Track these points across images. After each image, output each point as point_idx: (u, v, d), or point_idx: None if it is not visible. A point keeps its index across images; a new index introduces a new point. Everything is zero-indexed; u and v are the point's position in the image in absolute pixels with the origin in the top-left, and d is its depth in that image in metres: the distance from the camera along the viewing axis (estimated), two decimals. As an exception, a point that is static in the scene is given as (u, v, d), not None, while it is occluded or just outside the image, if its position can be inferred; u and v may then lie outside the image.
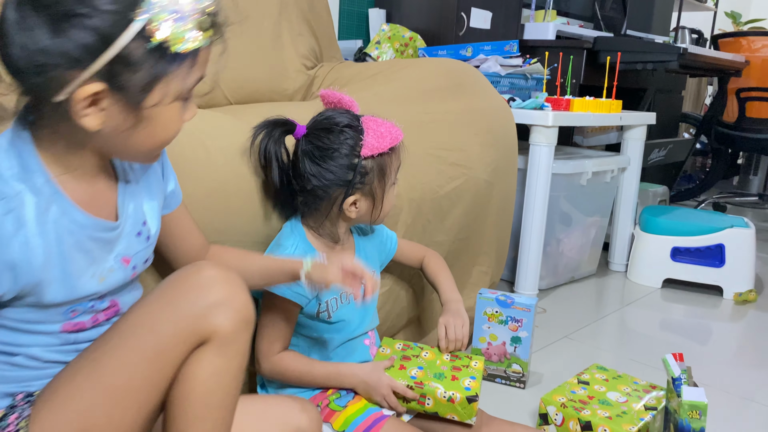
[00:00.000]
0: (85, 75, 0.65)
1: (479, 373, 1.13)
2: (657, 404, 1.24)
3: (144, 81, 0.68)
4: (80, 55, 0.65)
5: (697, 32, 4.14)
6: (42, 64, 0.65)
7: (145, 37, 0.66)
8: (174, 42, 0.67)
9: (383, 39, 2.39)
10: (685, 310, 2.10)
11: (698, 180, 3.94)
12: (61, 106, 0.68)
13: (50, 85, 0.66)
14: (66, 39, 0.64)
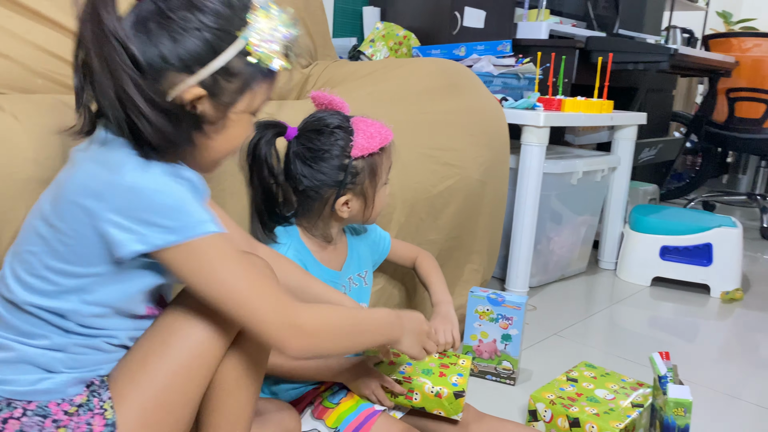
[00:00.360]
0: (193, 80, 0.76)
1: (467, 371, 1.15)
2: (644, 401, 1.27)
3: (236, 90, 0.79)
4: (191, 61, 0.75)
5: (689, 32, 4.18)
6: (159, 67, 0.74)
7: (245, 53, 0.78)
8: (266, 61, 0.79)
9: (377, 37, 2.40)
10: (673, 308, 2.13)
11: (688, 178, 3.97)
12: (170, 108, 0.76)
13: (164, 85, 0.75)
14: (182, 47, 0.74)
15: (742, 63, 3.32)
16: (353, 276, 1.24)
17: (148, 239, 0.73)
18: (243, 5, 0.78)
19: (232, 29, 0.77)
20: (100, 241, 0.75)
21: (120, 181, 0.73)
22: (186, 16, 0.75)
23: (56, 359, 0.78)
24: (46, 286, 0.77)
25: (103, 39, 0.71)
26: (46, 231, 0.76)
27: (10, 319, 0.78)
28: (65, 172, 0.79)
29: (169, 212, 0.74)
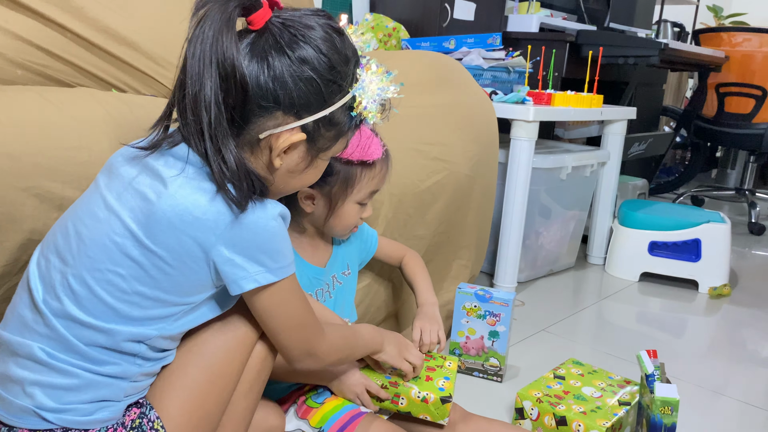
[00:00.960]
0: (295, 123, 0.77)
1: (453, 374, 1.13)
2: (631, 399, 1.26)
3: (331, 137, 0.82)
4: (301, 107, 0.76)
5: (679, 26, 4.17)
6: (266, 105, 0.75)
7: (350, 106, 0.81)
8: (366, 116, 0.83)
9: (366, 28, 2.37)
10: (661, 304, 2.13)
11: (677, 173, 3.98)
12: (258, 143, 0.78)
13: (265, 120, 0.76)
14: (296, 91, 0.75)
15: (732, 58, 3.31)
16: (337, 274, 1.22)
17: (257, 278, 0.77)
18: (356, 61, 0.82)
19: (344, 84, 0.79)
20: (210, 275, 0.76)
21: (236, 218, 0.74)
22: (304, 61, 0.75)
23: (120, 387, 0.77)
24: (133, 311, 0.74)
25: (215, 60, 0.70)
26: (141, 255, 0.73)
27: (76, 344, 0.74)
28: (149, 187, 0.74)
29: (275, 254, 0.78)
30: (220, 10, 0.71)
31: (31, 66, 1.22)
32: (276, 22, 0.75)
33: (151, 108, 1.06)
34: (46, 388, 0.73)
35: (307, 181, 0.88)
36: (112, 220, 0.74)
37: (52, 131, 0.89)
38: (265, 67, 0.74)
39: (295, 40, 0.75)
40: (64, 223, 0.78)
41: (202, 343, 0.83)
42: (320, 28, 0.77)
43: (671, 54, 2.68)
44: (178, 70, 0.75)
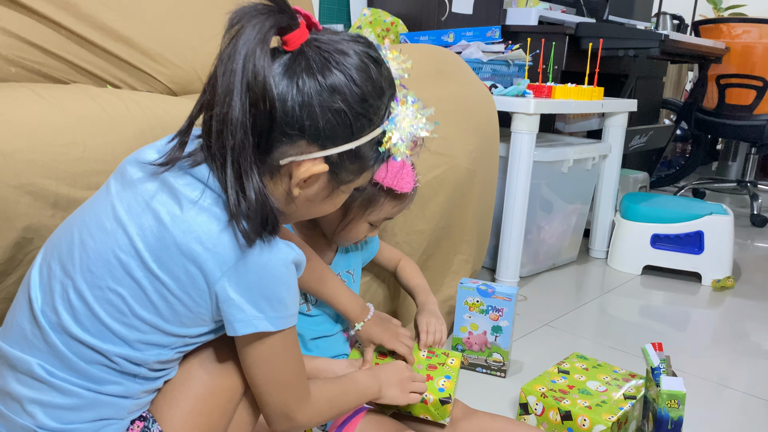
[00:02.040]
0: (319, 153, 0.72)
1: (455, 372, 1.12)
2: (636, 393, 1.25)
3: (355, 170, 0.77)
4: (326, 138, 0.72)
5: (678, 18, 4.15)
6: (291, 133, 0.71)
7: (379, 141, 0.76)
8: (395, 152, 0.77)
9: (364, 24, 2.36)
10: (665, 297, 2.11)
11: (678, 166, 3.96)
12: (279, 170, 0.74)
13: (288, 147, 0.72)
14: (323, 120, 0.70)
15: (732, 49, 3.29)
16: (342, 272, 1.21)
17: (254, 324, 0.73)
18: (392, 94, 0.77)
19: (375, 118, 0.74)
20: (210, 310, 0.73)
21: (244, 256, 0.71)
22: (335, 90, 0.70)
23: (123, 406, 0.75)
24: (130, 335, 0.72)
25: (246, 79, 0.66)
26: (144, 278, 0.70)
27: (75, 362, 0.71)
28: (164, 207, 0.71)
29: (277, 303, 0.74)
30: (255, 28, 0.66)
31: (26, 63, 1.21)
32: (312, 44, 0.71)
33: (147, 104, 1.05)
34: (47, 408, 0.71)
35: (326, 210, 0.83)
36: (119, 234, 0.71)
37: (45, 127, 0.87)
38: (294, 92, 0.69)
39: (328, 65, 0.70)
40: (69, 228, 0.75)
41: (204, 355, 0.81)
42: (356, 55, 0.72)
43: (671, 45, 2.66)
44: (205, 85, 0.71)
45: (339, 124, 0.72)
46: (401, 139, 0.77)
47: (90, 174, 0.90)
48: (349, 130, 0.73)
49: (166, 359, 0.76)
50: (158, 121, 1.03)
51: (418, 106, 0.80)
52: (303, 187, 0.76)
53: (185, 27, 1.46)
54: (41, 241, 0.86)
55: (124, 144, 0.95)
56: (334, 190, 0.79)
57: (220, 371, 0.81)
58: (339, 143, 0.73)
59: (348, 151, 0.74)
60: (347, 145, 0.73)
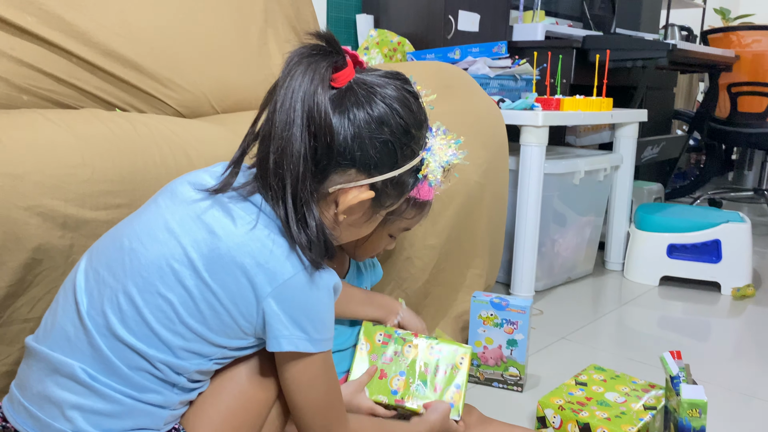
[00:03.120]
0: (366, 180, 0.78)
1: (464, 377, 1.10)
2: (656, 403, 1.22)
3: (395, 195, 0.84)
4: (373, 166, 0.78)
5: (687, 29, 4.15)
6: (344, 163, 0.76)
7: (417, 168, 0.83)
8: (430, 178, 0.85)
9: (371, 44, 2.38)
10: (684, 308, 2.08)
11: (693, 177, 3.93)
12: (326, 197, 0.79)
13: (338, 175, 0.77)
14: (371, 150, 0.76)
15: (742, 57, 3.28)
16: None
17: (296, 343, 0.76)
18: (427, 127, 0.85)
19: (416, 148, 0.82)
20: (255, 324, 0.76)
21: (295, 276, 0.74)
22: (383, 122, 0.76)
23: (160, 416, 0.76)
24: (175, 341, 0.74)
25: (306, 116, 0.72)
26: (195, 287, 0.73)
27: (119, 367, 0.72)
28: (218, 222, 0.75)
29: (320, 324, 0.78)
30: (313, 68, 0.73)
31: (38, 91, 1.23)
32: (358, 83, 0.77)
33: (154, 125, 1.06)
34: (87, 413, 0.71)
35: (363, 233, 0.89)
36: (172, 244, 0.74)
37: (54, 150, 0.89)
38: (346, 125, 0.75)
39: (374, 99, 0.76)
40: (118, 236, 0.78)
41: (236, 369, 0.82)
42: (396, 90, 0.79)
43: (680, 55, 2.66)
44: (258, 120, 0.78)
45: (386, 154, 0.78)
46: (438, 165, 0.85)
47: (99, 195, 0.91)
48: (395, 160, 0.79)
49: (205, 369, 0.78)
50: (166, 142, 1.04)
51: (452, 137, 0.90)
52: (348, 213, 0.81)
53: (193, 52, 1.49)
54: (51, 262, 0.86)
55: (132, 165, 0.96)
56: (374, 215, 0.85)
57: (251, 385, 0.82)
58: (384, 171, 0.79)
59: (392, 178, 0.80)
60: (392, 173, 0.80)
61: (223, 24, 1.59)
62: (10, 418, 0.75)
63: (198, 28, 1.52)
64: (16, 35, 1.21)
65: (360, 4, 2.63)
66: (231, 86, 1.63)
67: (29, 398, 0.74)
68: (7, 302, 0.85)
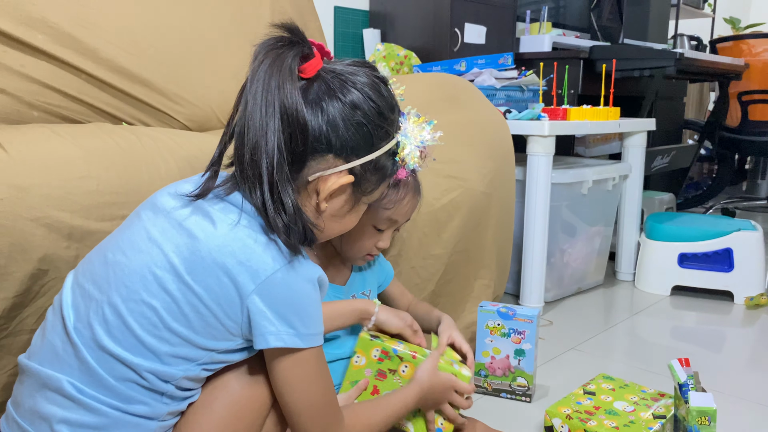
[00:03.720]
0: (344, 165, 0.80)
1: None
2: (666, 412, 1.21)
3: (375, 182, 0.85)
4: (350, 150, 0.79)
5: (696, 39, 4.14)
6: (320, 148, 0.78)
7: (394, 152, 0.86)
8: (407, 161, 0.87)
9: (378, 58, 2.40)
10: (696, 317, 2.06)
11: (705, 186, 3.90)
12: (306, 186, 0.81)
13: (317, 163, 0.79)
14: (347, 134, 0.78)
15: (752, 66, 3.26)
16: (357, 294, 1.21)
17: (284, 339, 0.76)
18: (399, 111, 0.87)
19: (391, 129, 0.84)
20: (240, 323, 0.75)
21: (278, 272, 0.74)
22: (355, 106, 0.79)
23: (149, 428, 0.76)
24: (161, 347, 0.74)
25: (278, 106, 0.73)
26: (178, 290, 0.73)
27: (105, 378, 0.72)
28: (197, 225, 0.75)
29: (307, 318, 0.77)
30: (281, 59, 0.74)
31: (48, 107, 1.25)
32: (327, 71, 0.79)
33: (159, 137, 1.07)
34: (74, 427, 0.72)
35: (348, 225, 0.89)
36: (154, 252, 0.75)
37: (60, 162, 0.90)
38: (319, 112, 0.77)
39: (345, 86, 0.79)
40: (102, 252, 0.79)
41: (228, 379, 0.82)
42: (366, 76, 0.81)
43: (688, 64, 2.65)
44: (231, 117, 0.79)
45: (361, 137, 0.80)
46: (414, 147, 0.87)
47: (104, 206, 0.92)
48: (370, 142, 0.81)
49: (194, 376, 0.77)
50: (171, 154, 1.05)
51: (423, 119, 0.90)
52: (329, 200, 0.82)
53: (200, 67, 1.51)
54: (57, 273, 0.88)
55: (137, 177, 0.97)
56: (356, 203, 0.86)
57: (243, 394, 0.82)
58: (361, 155, 0.81)
59: (369, 162, 0.82)
60: (368, 156, 0.81)
61: (230, 39, 1.61)
62: None
63: (205, 43, 1.54)
64: (26, 53, 1.24)
65: (367, 19, 2.66)
66: (238, 101, 1.65)
67: (22, 414, 0.75)
68: (14, 313, 0.87)
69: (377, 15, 2.63)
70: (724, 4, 5.00)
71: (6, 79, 1.20)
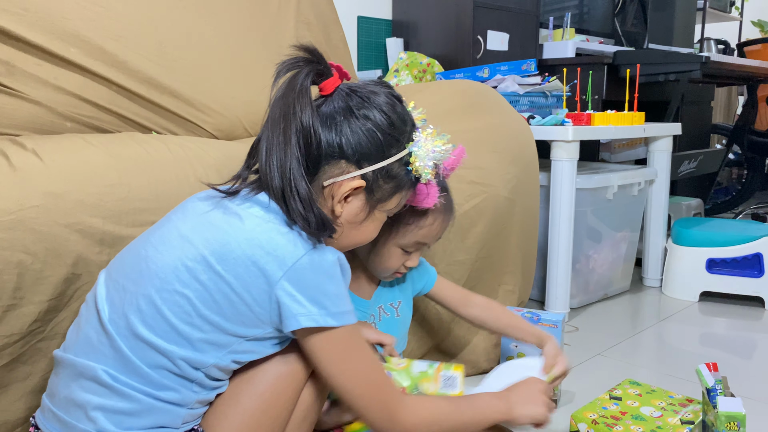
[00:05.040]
0: (357, 171, 0.85)
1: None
2: (694, 418, 1.20)
3: (389, 191, 0.89)
4: (362, 156, 0.84)
5: (724, 42, 4.09)
6: (333, 154, 0.84)
7: (406, 162, 0.89)
8: (420, 172, 0.90)
9: (401, 67, 2.42)
10: (726, 323, 2.03)
11: (735, 192, 3.83)
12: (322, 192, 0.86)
13: (331, 169, 0.84)
14: (359, 142, 0.84)
15: (781, 68, 3.21)
16: (384, 305, 1.22)
17: (316, 319, 0.79)
18: (412, 124, 0.91)
19: (402, 139, 0.88)
20: (269, 311, 0.79)
21: (302, 258, 0.79)
22: (368, 118, 0.85)
23: (178, 415, 0.79)
24: (194, 334, 0.78)
25: (292, 118, 0.80)
26: (209, 280, 0.77)
27: (138, 366, 0.76)
28: (225, 221, 0.81)
29: (335, 298, 0.81)
30: (296, 77, 0.82)
31: (80, 118, 1.29)
32: (344, 88, 0.87)
33: (188, 146, 1.10)
34: (108, 413, 0.75)
35: (367, 235, 0.92)
36: (186, 247, 0.79)
37: (93, 170, 0.93)
38: (333, 123, 0.84)
39: (363, 103, 0.85)
40: (134, 249, 0.84)
41: (255, 373, 0.85)
42: (384, 95, 0.87)
43: (715, 68, 2.62)
44: (262, 129, 0.85)
45: (372, 144, 0.85)
46: (426, 158, 0.89)
47: (134, 212, 0.95)
48: (381, 150, 0.86)
49: (223, 366, 0.81)
50: (200, 162, 1.08)
51: (437, 132, 0.92)
52: (344, 205, 0.86)
53: (227, 78, 1.54)
54: (89, 277, 0.90)
55: (166, 183, 1.00)
56: (372, 211, 0.89)
57: (269, 388, 0.85)
58: (373, 162, 0.85)
59: (381, 170, 0.86)
60: (380, 164, 0.86)
61: (255, 50, 1.64)
62: (41, 425, 0.80)
63: (231, 55, 1.58)
64: (60, 65, 1.28)
65: (390, 28, 2.69)
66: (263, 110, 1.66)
67: (57, 404, 0.79)
68: (50, 316, 0.90)
69: (400, 24, 2.66)
70: (752, 7, 4.92)
71: (40, 91, 1.25)
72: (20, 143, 0.95)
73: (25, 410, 0.90)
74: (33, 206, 0.86)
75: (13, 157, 0.90)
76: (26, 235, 0.85)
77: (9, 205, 0.84)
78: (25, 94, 1.22)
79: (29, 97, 1.23)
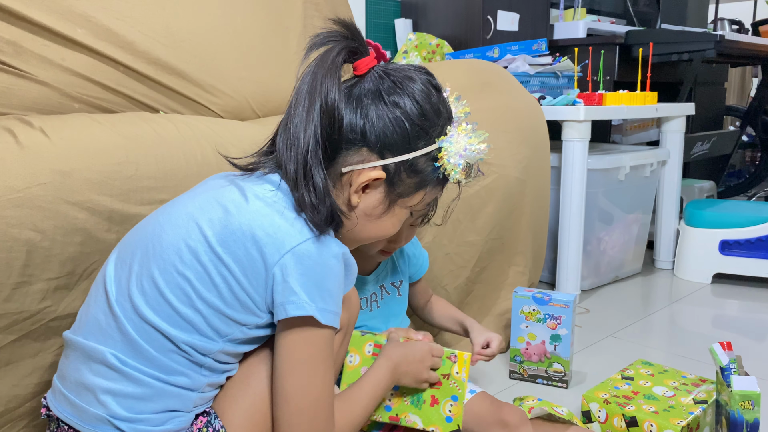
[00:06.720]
0: (378, 162, 0.80)
1: (462, 386, 1.02)
2: (707, 398, 1.19)
3: (412, 186, 0.84)
4: (385, 146, 0.80)
5: (738, 23, 4.02)
6: (354, 139, 0.80)
7: (434, 157, 0.83)
8: (449, 171, 0.83)
9: (410, 48, 2.40)
10: (739, 305, 2.01)
11: (748, 174, 3.79)
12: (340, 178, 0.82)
13: (351, 155, 0.81)
14: (383, 129, 0.80)
15: (797, 49, 3.16)
16: (386, 284, 1.21)
17: (304, 307, 0.76)
18: (447, 116, 0.85)
19: (432, 132, 0.82)
20: (265, 296, 0.77)
21: (302, 245, 0.76)
22: (397, 105, 0.80)
23: (189, 398, 0.78)
24: (195, 318, 0.76)
25: (318, 96, 0.77)
26: (209, 261, 0.76)
27: (146, 350, 0.75)
28: (232, 201, 0.78)
29: (327, 294, 0.77)
30: (328, 53, 0.78)
31: (88, 99, 1.28)
32: (378, 70, 0.82)
33: (196, 125, 1.09)
34: (119, 397, 0.74)
35: (385, 230, 0.88)
36: (191, 227, 0.78)
37: (100, 148, 0.93)
38: (359, 106, 0.80)
39: (395, 88, 0.80)
40: (144, 228, 0.82)
41: (266, 355, 0.83)
42: (421, 82, 0.82)
43: (729, 47, 2.57)
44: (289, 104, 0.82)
45: (398, 134, 0.80)
46: (456, 156, 0.82)
47: (142, 190, 0.94)
48: (407, 141, 0.80)
49: (231, 350, 0.79)
50: (207, 141, 1.07)
51: (472, 128, 0.86)
52: (362, 196, 0.83)
53: (235, 59, 1.53)
54: (98, 255, 0.90)
55: (174, 162, 0.99)
56: (391, 205, 0.84)
57: None
58: (397, 153, 0.81)
59: (405, 162, 0.81)
60: (404, 156, 0.81)
61: (263, 31, 1.63)
62: (53, 407, 0.79)
63: (239, 35, 1.56)
64: (67, 46, 1.27)
65: (398, 9, 2.66)
66: (271, 91, 1.66)
67: (68, 387, 0.78)
68: (60, 295, 0.89)
69: (408, 5, 2.63)
70: (767, -14, 4.84)
71: (48, 72, 1.24)
72: (27, 121, 0.94)
73: (36, 386, 0.90)
74: (41, 184, 0.85)
75: (20, 135, 0.89)
76: (34, 213, 0.84)
77: (17, 183, 0.84)
78: (32, 74, 1.21)
79: (37, 77, 1.22)
